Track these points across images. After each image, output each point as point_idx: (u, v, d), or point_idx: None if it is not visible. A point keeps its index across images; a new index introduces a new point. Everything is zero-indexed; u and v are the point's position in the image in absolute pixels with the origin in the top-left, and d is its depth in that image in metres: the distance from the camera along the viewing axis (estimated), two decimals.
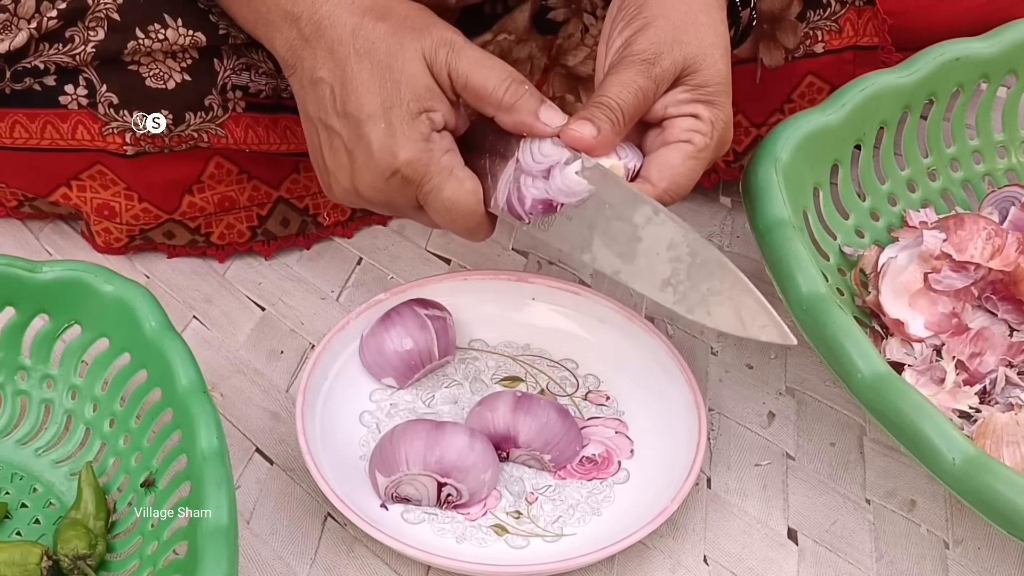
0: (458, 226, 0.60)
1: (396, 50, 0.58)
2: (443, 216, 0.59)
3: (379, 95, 0.57)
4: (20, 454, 0.62)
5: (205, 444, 0.53)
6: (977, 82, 0.76)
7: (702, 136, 0.59)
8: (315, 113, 0.60)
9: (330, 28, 0.59)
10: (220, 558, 0.49)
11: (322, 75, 0.59)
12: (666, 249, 0.56)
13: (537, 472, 0.63)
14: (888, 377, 0.55)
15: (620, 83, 0.58)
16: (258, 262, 0.78)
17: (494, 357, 0.70)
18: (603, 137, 0.57)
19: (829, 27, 0.76)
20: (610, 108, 0.58)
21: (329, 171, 0.61)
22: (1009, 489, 0.51)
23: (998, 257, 0.66)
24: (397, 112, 0.57)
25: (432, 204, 0.59)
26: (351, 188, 0.60)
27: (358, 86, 0.58)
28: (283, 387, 0.69)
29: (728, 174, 0.81)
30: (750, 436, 0.67)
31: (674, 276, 0.56)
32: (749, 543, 0.61)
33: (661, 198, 0.58)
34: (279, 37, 0.61)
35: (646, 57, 0.58)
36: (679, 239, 0.56)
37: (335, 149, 0.60)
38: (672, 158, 0.59)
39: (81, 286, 0.61)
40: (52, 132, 0.71)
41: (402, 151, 0.57)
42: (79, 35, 0.67)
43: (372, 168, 0.58)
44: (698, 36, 0.59)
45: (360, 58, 0.58)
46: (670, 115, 0.60)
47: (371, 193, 0.60)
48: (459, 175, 0.59)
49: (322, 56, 0.59)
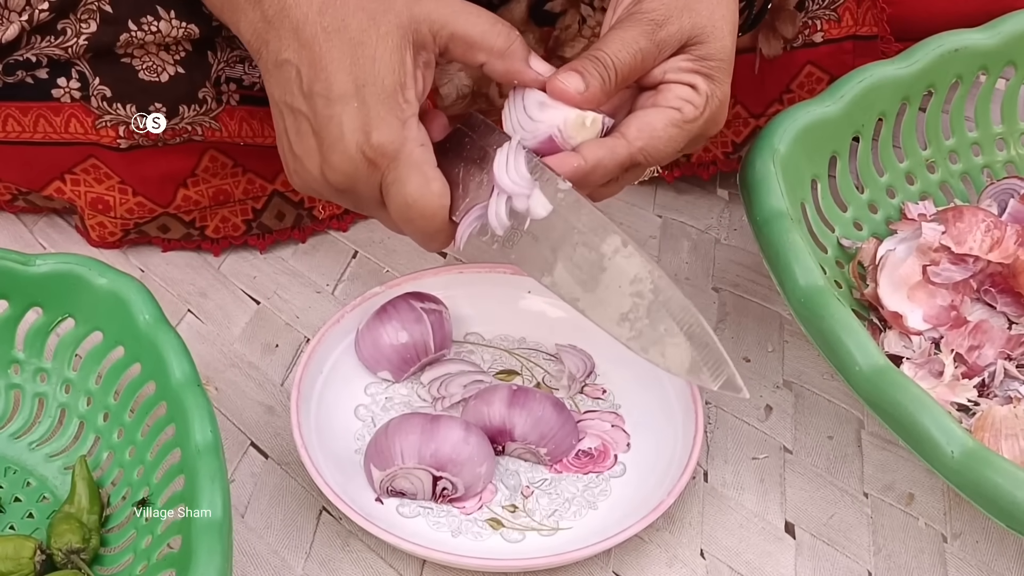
0: (415, 227, 0.56)
1: (369, 26, 0.55)
2: (401, 213, 0.56)
3: (351, 73, 0.54)
4: (14, 448, 0.62)
5: (199, 438, 0.53)
6: (976, 74, 0.76)
7: (693, 108, 0.57)
8: (280, 97, 0.57)
9: (295, 7, 0.55)
10: (214, 552, 0.48)
11: (287, 56, 0.56)
12: (629, 283, 0.54)
13: (533, 466, 0.63)
14: (886, 370, 0.55)
15: (621, 40, 0.56)
16: (253, 255, 0.77)
17: (490, 351, 0.70)
18: (590, 93, 0.55)
19: (828, 16, 0.75)
20: (604, 65, 0.56)
21: (296, 156, 0.58)
22: (1008, 482, 0.50)
23: (997, 249, 0.66)
24: (371, 90, 0.54)
25: (393, 197, 0.55)
26: (318, 174, 0.57)
27: (327, 65, 0.55)
28: (278, 381, 0.69)
29: (726, 166, 0.81)
30: (747, 429, 0.67)
31: (633, 311, 0.54)
32: (746, 537, 0.61)
33: (635, 157, 0.56)
34: (244, 20, 0.58)
35: (654, 18, 0.56)
36: (644, 274, 0.54)
37: (302, 133, 0.57)
38: (655, 120, 0.56)
39: (75, 279, 0.61)
40: (45, 125, 0.70)
41: (375, 132, 0.54)
42: (71, 27, 0.67)
43: (341, 150, 0.55)
44: (710, 7, 0.57)
45: (329, 36, 0.55)
46: (668, 80, 0.57)
47: (337, 178, 0.56)
48: (428, 173, 0.55)
49: (287, 37, 0.56)
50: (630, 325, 0.55)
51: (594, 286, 0.55)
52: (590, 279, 0.55)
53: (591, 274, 0.55)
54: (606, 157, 0.56)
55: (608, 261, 0.55)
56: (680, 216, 0.81)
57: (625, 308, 0.55)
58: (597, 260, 0.55)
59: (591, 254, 0.55)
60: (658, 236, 0.80)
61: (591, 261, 0.55)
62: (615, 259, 0.55)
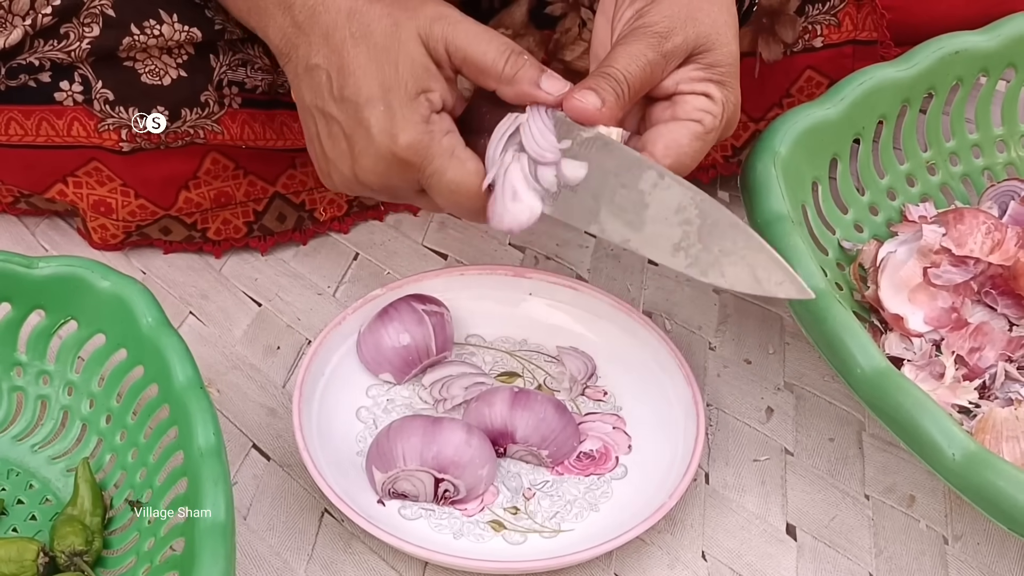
0: (463, 208, 0.59)
1: (392, 31, 0.57)
2: (447, 199, 0.58)
3: (377, 78, 0.57)
4: (16, 450, 0.62)
5: (202, 440, 0.53)
6: (976, 76, 0.76)
7: (712, 118, 0.58)
8: (311, 101, 0.59)
9: (324, 13, 0.58)
10: (217, 554, 0.48)
11: (318, 61, 0.58)
12: (675, 213, 0.55)
13: (534, 468, 0.63)
14: (887, 372, 0.55)
15: (628, 55, 0.57)
16: (254, 258, 0.78)
17: (491, 352, 0.70)
18: (607, 109, 0.56)
19: (828, 21, 0.76)
20: (616, 80, 0.56)
21: (328, 159, 0.60)
22: (1009, 485, 0.50)
23: (997, 251, 0.66)
24: (396, 94, 0.57)
25: (435, 187, 0.58)
26: (351, 175, 0.59)
27: (355, 70, 0.57)
28: (280, 383, 0.69)
29: (726, 169, 0.81)
30: (748, 431, 0.67)
31: (685, 240, 0.55)
32: (748, 539, 0.61)
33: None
34: (273, 25, 0.60)
35: (658, 30, 0.57)
36: (687, 202, 0.55)
37: (334, 136, 0.59)
38: (680, 136, 0.57)
39: (77, 282, 0.61)
40: (48, 129, 0.70)
41: (402, 134, 0.56)
42: (74, 31, 0.67)
43: (372, 153, 0.57)
44: (711, 15, 0.58)
45: (356, 42, 0.57)
46: (681, 91, 0.58)
47: (371, 178, 0.59)
48: (461, 156, 0.57)
49: (317, 42, 0.58)
50: (685, 253, 0.55)
51: (641, 224, 0.56)
52: (636, 218, 0.56)
53: (636, 213, 0.56)
54: None
55: (649, 197, 0.55)
56: None
57: (676, 238, 0.55)
58: (638, 198, 0.56)
59: (631, 193, 0.56)
60: None
61: (633, 200, 0.56)
62: (655, 193, 0.55)
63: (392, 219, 0.80)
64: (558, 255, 0.78)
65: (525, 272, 0.71)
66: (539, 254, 0.78)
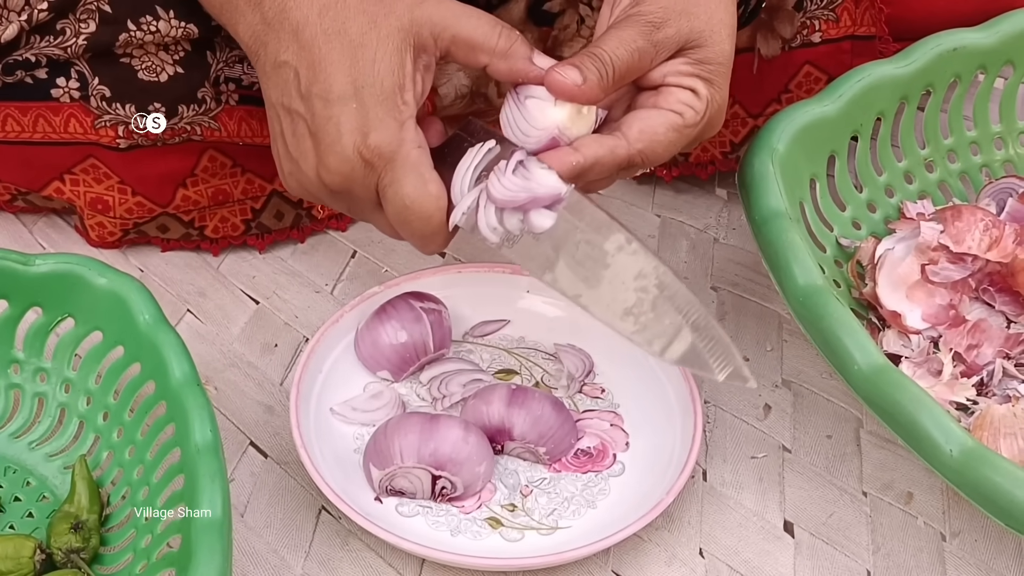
0: (412, 229, 0.56)
1: (368, 28, 0.55)
2: (399, 214, 0.55)
3: (349, 75, 0.55)
4: (13, 448, 0.62)
5: (199, 437, 0.53)
6: (974, 73, 0.76)
7: (694, 113, 0.57)
8: (277, 99, 0.57)
9: (295, 9, 0.56)
10: (214, 551, 0.49)
11: (286, 58, 0.56)
12: (633, 279, 0.54)
13: (532, 465, 0.63)
14: (885, 369, 0.55)
15: (618, 39, 0.56)
16: (252, 255, 0.77)
17: (489, 350, 0.70)
18: (587, 87, 0.55)
19: (826, 16, 0.75)
20: (601, 61, 0.56)
21: (292, 158, 0.58)
22: (1007, 481, 0.50)
23: (995, 248, 0.66)
24: (370, 92, 0.55)
25: (390, 199, 0.55)
26: (314, 176, 0.57)
27: (327, 67, 0.55)
28: (277, 380, 0.69)
29: (724, 165, 0.81)
30: (746, 428, 0.67)
31: (637, 306, 0.54)
32: (745, 536, 0.61)
33: (633, 158, 0.56)
34: (243, 22, 0.58)
35: (651, 19, 0.57)
36: (649, 270, 0.54)
37: (298, 135, 0.57)
38: (656, 124, 0.57)
39: (74, 279, 0.61)
40: (44, 125, 0.70)
41: (373, 132, 0.54)
42: (70, 27, 0.67)
43: (338, 151, 0.55)
44: (708, 11, 0.58)
45: (329, 38, 0.55)
46: (668, 83, 0.58)
47: (333, 179, 0.56)
48: (425, 175, 0.55)
49: (286, 39, 0.56)
50: (634, 319, 0.55)
51: (597, 283, 0.55)
52: (593, 276, 0.55)
53: (594, 271, 0.55)
54: (605, 156, 0.56)
55: (612, 258, 0.55)
56: (679, 215, 0.82)
57: (629, 303, 0.55)
58: (600, 257, 0.55)
59: (594, 251, 0.55)
60: (656, 235, 0.80)
61: (594, 258, 0.55)
62: (619, 256, 0.55)
63: None
64: None
65: (522, 270, 0.71)
66: None
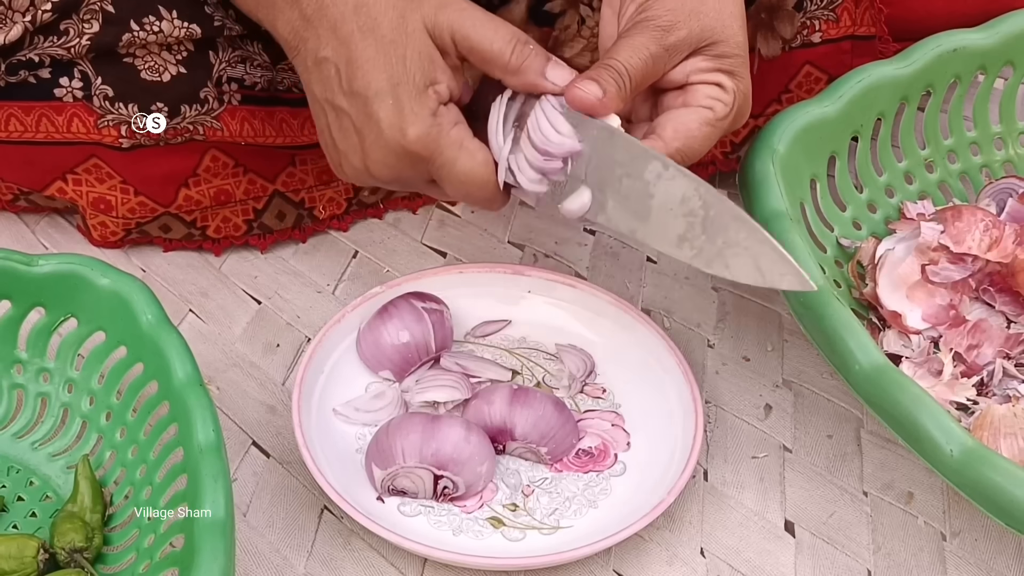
0: (474, 198, 0.60)
1: (399, 24, 0.57)
2: (458, 189, 0.59)
3: (385, 71, 0.57)
4: (17, 447, 0.62)
5: (202, 437, 0.53)
6: (974, 73, 0.76)
7: (724, 106, 0.59)
8: (321, 94, 0.60)
9: (332, 6, 0.58)
10: (217, 551, 0.49)
11: (326, 54, 0.59)
12: (679, 204, 0.55)
13: (533, 465, 0.63)
14: (886, 369, 0.55)
15: (631, 47, 0.58)
16: (254, 256, 0.78)
17: (490, 350, 0.70)
18: (607, 99, 0.57)
19: (826, 17, 0.76)
20: (618, 71, 0.57)
21: (340, 151, 0.61)
22: (1007, 481, 0.51)
23: (995, 249, 0.66)
24: (404, 88, 0.57)
25: (446, 178, 0.59)
26: (362, 167, 0.60)
27: (363, 63, 0.57)
28: (279, 380, 0.69)
29: (725, 166, 0.81)
30: (747, 428, 0.67)
31: (689, 231, 0.56)
32: (746, 535, 0.61)
33: (671, 158, 0.58)
34: (281, 18, 0.60)
35: (661, 24, 0.58)
36: (691, 193, 0.55)
37: (344, 129, 0.60)
38: (690, 120, 0.58)
39: (77, 279, 0.61)
40: (47, 125, 0.70)
41: (411, 128, 0.57)
42: (74, 27, 0.67)
43: (382, 146, 0.58)
44: (716, 7, 0.59)
45: (364, 35, 0.57)
46: (692, 81, 0.59)
47: (382, 171, 0.60)
48: (470, 147, 0.58)
49: (325, 35, 0.58)
50: (689, 244, 0.56)
51: (647, 214, 0.56)
52: (641, 208, 0.56)
53: (641, 203, 0.56)
54: None
55: (654, 187, 0.56)
56: None
57: (681, 229, 0.56)
58: (643, 188, 0.56)
59: (636, 183, 0.56)
60: None
61: (638, 190, 0.56)
62: (660, 184, 0.56)
63: (391, 217, 0.80)
64: (557, 253, 0.78)
65: (524, 270, 0.71)
66: (538, 252, 0.78)
